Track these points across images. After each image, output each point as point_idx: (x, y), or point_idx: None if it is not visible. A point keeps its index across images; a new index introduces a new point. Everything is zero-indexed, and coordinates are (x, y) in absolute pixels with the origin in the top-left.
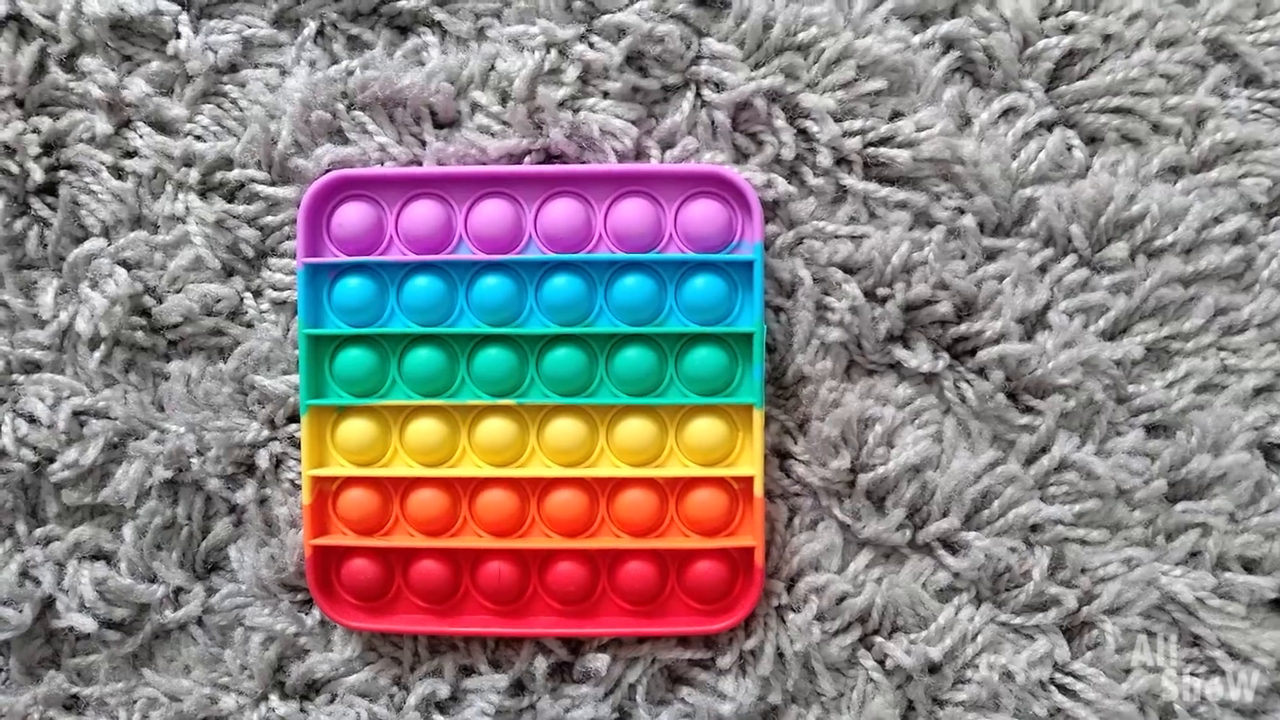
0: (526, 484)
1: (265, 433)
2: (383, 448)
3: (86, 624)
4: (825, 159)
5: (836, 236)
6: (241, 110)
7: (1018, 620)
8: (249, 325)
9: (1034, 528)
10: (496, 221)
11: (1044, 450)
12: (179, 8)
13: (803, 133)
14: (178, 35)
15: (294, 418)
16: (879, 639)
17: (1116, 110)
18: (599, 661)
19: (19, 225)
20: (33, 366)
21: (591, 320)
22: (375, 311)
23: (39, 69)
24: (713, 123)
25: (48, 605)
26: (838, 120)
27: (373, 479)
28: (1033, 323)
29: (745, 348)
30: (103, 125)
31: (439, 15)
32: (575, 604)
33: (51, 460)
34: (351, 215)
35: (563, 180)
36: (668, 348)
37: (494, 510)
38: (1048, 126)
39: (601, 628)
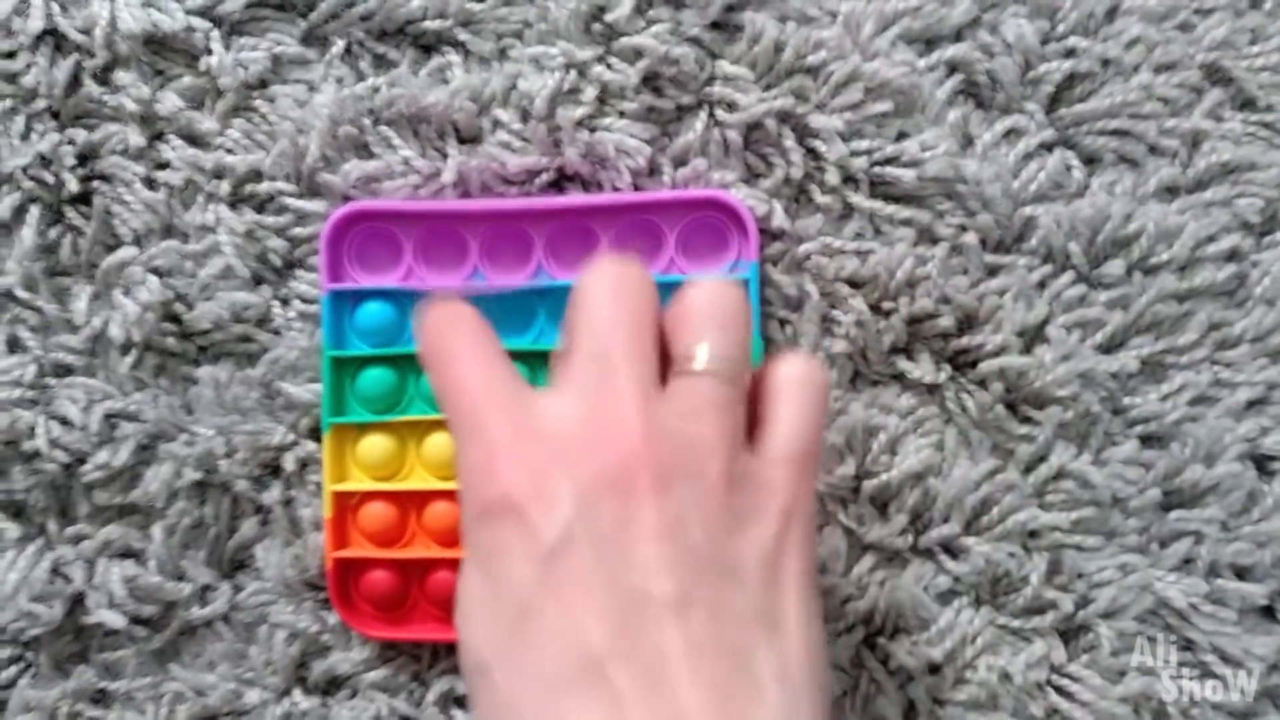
0: None
1: (291, 437)
2: (401, 462)
3: (115, 620)
4: (833, 178)
5: (843, 252)
6: (271, 125)
7: (1016, 623)
8: (276, 333)
9: (1032, 534)
10: (508, 249)
11: (1042, 459)
12: (211, 25)
13: (811, 152)
14: (209, 52)
15: (318, 425)
16: (882, 640)
17: (1115, 132)
18: None
19: (54, 233)
20: (65, 370)
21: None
22: (395, 333)
23: (74, 82)
24: (725, 142)
25: (77, 602)
26: (845, 140)
27: (392, 492)
28: (1032, 336)
29: None
30: (136, 138)
31: (462, 35)
32: None
33: (83, 461)
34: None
35: (570, 211)
36: None
37: None
38: (1048, 147)
39: None
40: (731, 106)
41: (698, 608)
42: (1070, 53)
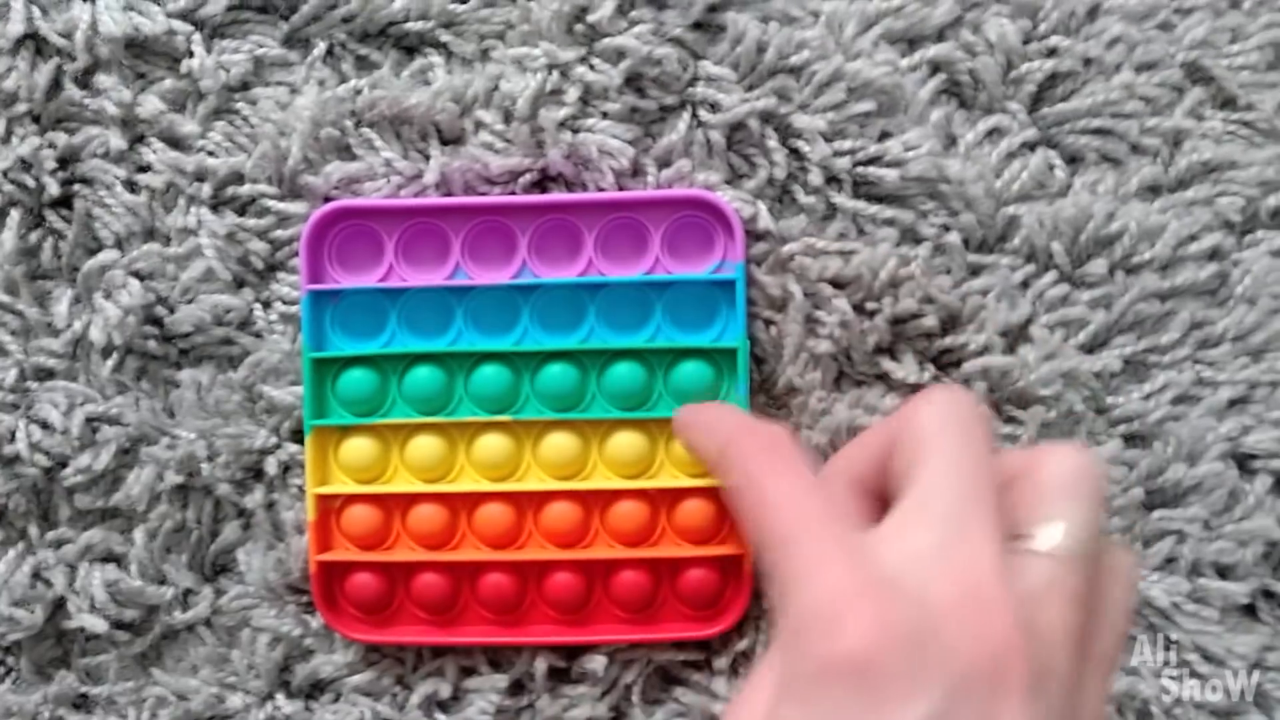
0: (523, 497)
1: (273, 440)
2: (384, 465)
3: (97, 625)
4: (816, 178)
5: (826, 252)
6: (253, 127)
7: None
8: (258, 335)
9: None
10: (492, 247)
11: None
12: (192, 28)
13: (794, 152)
14: (190, 54)
15: (300, 428)
16: None
17: (1097, 131)
18: (595, 663)
19: (34, 237)
20: (46, 374)
21: (584, 338)
22: (376, 333)
23: (55, 86)
24: (708, 142)
25: (59, 606)
26: (828, 140)
27: (375, 495)
28: (1015, 336)
29: (730, 362)
30: (117, 141)
31: (445, 37)
32: (572, 612)
33: (64, 465)
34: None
35: (555, 208)
36: (656, 363)
37: (492, 523)
38: (1030, 147)
39: (598, 635)
40: (714, 107)
41: None
42: (1052, 52)
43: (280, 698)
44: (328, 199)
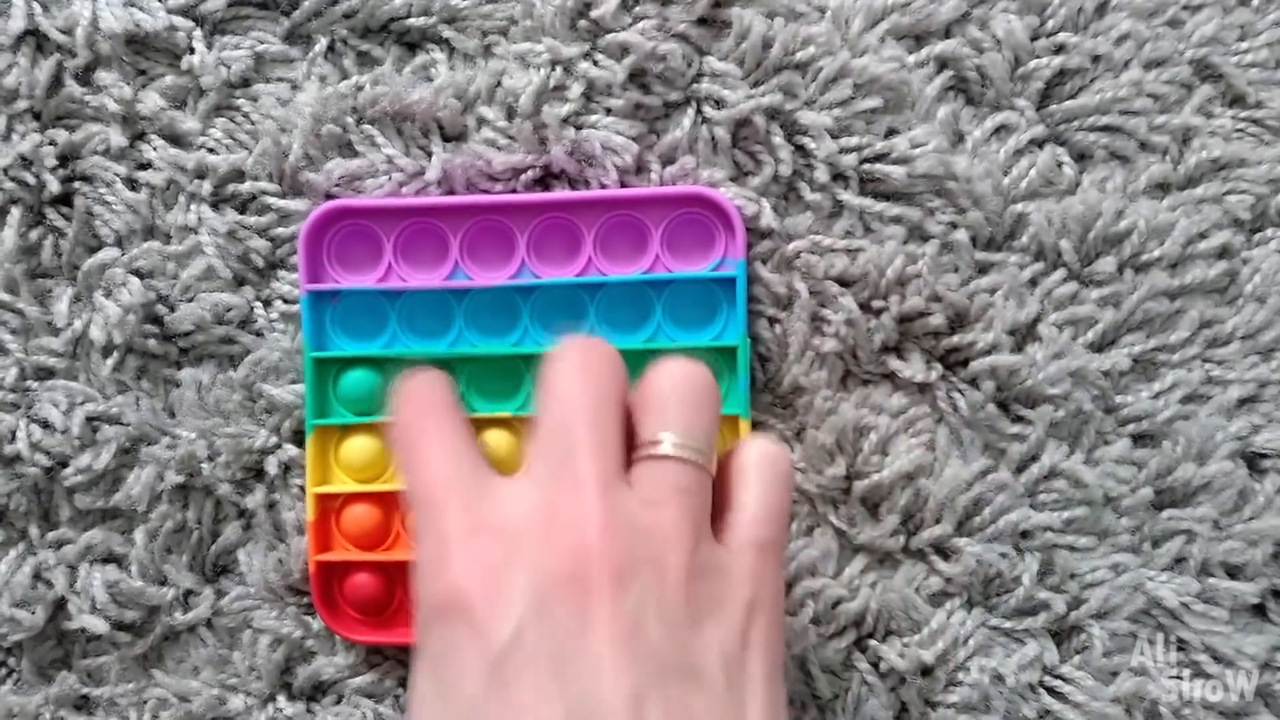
0: None
1: (274, 439)
2: (384, 464)
3: (98, 626)
4: (822, 175)
5: (833, 250)
6: (253, 124)
7: (1008, 624)
8: (259, 334)
9: (1024, 534)
10: (491, 246)
11: (1034, 459)
12: (193, 24)
13: (800, 149)
14: (191, 51)
15: (300, 428)
16: (873, 642)
17: (1105, 128)
18: None
19: (35, 235)
20: (47, 373)
21: (585, 335)
22: (377, 334)
23: (56, 83)
24: (713, 139)
25: (60, 607)
26: (834, 137)
27: (375, 494)
28: (1023, 334)
29: (731, 361)
30: (117, 138)
31: (447, 32)
32: None
33: (65, 465)
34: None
35: (554, 207)
36: None
37: None
38: (1038, 144)
39: None
40: (719, 103)
41: (653, 714)
42: (1060, 49)
43: (282, 699)
44: (329, 196)
